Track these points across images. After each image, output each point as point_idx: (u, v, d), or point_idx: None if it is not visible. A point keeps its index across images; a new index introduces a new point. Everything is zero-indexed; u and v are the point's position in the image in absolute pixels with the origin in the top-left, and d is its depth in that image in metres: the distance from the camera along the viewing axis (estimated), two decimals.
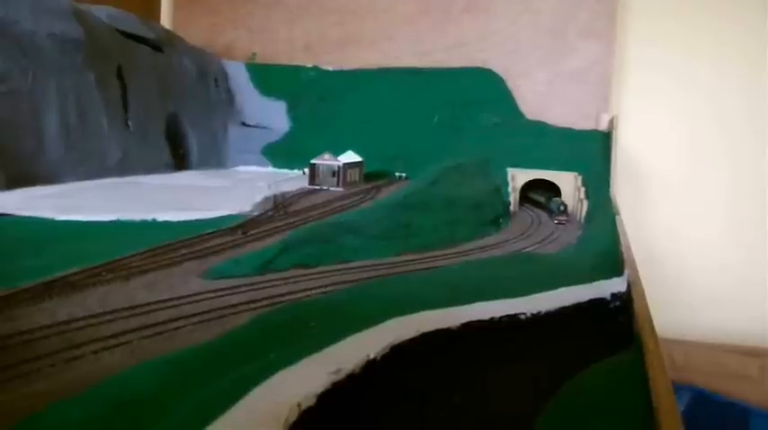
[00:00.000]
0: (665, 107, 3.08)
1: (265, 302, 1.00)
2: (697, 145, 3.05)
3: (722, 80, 2.99)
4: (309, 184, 2.33)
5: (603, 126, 2.85)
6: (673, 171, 3.09)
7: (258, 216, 1.64)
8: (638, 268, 1.14)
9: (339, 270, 1.23)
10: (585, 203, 2.13)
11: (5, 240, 1.28)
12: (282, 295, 1.03)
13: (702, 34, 2.99)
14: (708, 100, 3.02)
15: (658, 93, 3.08)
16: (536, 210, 2.23)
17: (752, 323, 2.90)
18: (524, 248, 1.59)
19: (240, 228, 1.47)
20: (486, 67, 3.12)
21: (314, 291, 1.06)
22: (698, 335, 2.84)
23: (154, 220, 1.50)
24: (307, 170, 2.42)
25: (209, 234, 1.38)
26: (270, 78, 3.29)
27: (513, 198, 2.22)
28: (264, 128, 3.23)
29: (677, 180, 3.08)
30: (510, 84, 3.09)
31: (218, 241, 1.35)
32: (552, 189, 2.33)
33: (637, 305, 0.92)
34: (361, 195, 2.17)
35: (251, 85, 3.29)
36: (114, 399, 0.57)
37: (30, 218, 1.46)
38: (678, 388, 2.42)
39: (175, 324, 0.87)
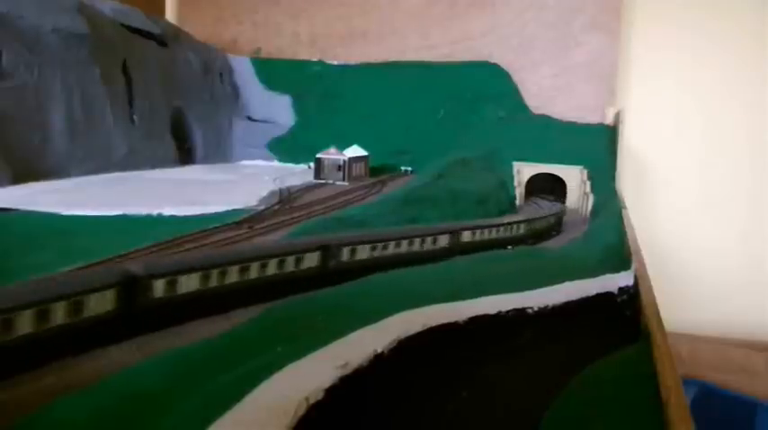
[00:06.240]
0: (671, 100, 3.06)
1: None
2: (703, 138, 3.03)
3: (729, 74, 2.97)
4: (315, 179, 2.33)
5: (609, 120, 2.84)
6: (678, 165, 3.07)
7: (264, 210, 1.64)
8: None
9: None
10: (591, 197, 2.13)
11: (11, 235, 1.28)
12: None
13: (708, 27, 2.97)
14: (714, 93, 3.00)
15: (664, 86, 3.06)
16: (542, 203, 2.22)
17: (758, 317, 2.88)
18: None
19: (246, 222, 1.47)
20: (492, 61, 3.10)
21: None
22: (704, 329, 2.83)
23: (159, 215, 1.50)
24: (312, 164, 2.41)
25: (214, 228, 1.38)
26: (275, 73, 3.29)
27: (519, 192, 2.21)
28: (269, 122, 3.23)
29: (683, 174, 3.06)
30: (515, 78, 3.07)
31: (224, 236, 1.35)
32: (558, 183, 2.33)
33: (644, 299, 0.92)
34: (367, 189, 2.17)
35: (256, 80, 3.28)
36: (123, 393, 0.57)
37: (35, 212, 1.46)
38: (684, 382, 2.41)
39: None
